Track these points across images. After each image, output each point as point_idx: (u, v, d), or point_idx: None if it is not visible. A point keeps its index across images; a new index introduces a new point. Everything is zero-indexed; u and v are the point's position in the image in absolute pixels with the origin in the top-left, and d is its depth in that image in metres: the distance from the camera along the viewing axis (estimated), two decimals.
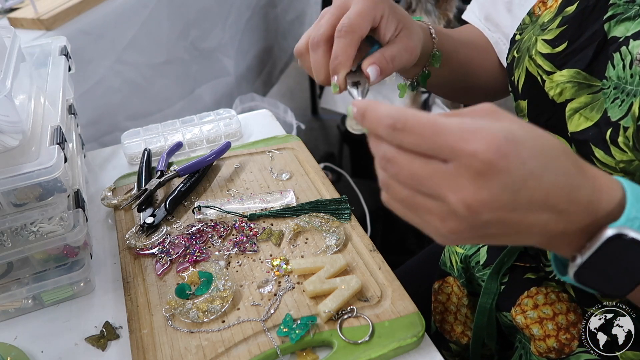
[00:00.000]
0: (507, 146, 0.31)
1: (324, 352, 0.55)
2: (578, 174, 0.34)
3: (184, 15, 1.50)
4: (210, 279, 0.60)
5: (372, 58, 0.50)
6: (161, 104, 1.50)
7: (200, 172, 0.78)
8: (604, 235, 0.34)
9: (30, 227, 0.58)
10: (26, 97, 0.61)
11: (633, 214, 0.33)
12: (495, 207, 0.32)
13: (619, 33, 0.47)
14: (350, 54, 0.48)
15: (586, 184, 0.34)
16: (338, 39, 0.48)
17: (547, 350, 0.56)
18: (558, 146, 0.33)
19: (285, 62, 2.17)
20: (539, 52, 0.53)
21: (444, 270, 0.72)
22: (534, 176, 0.32)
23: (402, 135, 0.33)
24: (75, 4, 1.17)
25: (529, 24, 0.58)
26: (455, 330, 0.71)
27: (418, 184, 0.34)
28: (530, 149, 0.32)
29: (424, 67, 0.62)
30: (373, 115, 0.35)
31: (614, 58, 0.47)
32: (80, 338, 0.59)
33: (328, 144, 2.42)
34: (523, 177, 0.31)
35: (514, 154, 0.31)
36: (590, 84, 0.49)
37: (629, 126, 0.45)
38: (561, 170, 0.33)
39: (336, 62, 0.49)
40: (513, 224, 0.33)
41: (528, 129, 0.33)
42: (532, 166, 0.31)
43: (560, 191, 0.33)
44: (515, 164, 0.31)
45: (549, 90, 0.52)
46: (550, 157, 0.32)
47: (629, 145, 0.45)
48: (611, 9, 0.48)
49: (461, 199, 0.32)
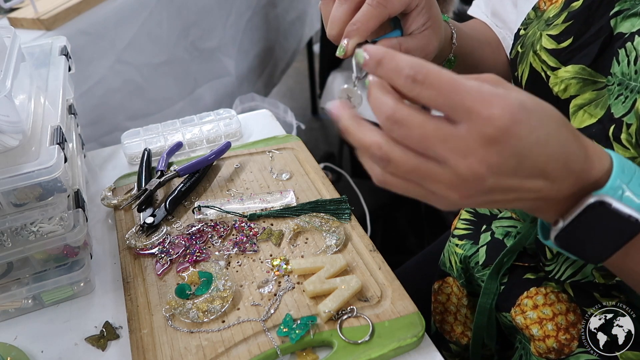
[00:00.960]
0: (521, 113, 0.31)
1: (324, 352, 0.55)
2: (575, 143, 0.35)
3: (184, 15, 1.50)
4: (210, 279, 0.60)
5: (389, 43, 0.48)
6: (161, 104, 1.50)
7: (200, 172, 0.78)
8: (587, 202, 0.35)
9: (30, 227, 0.58)
10: (26, 97, 0.61)
11: (617, 183, 0.35)
12: (500, 172, 0.32)
13: (625, 29, 0.47)
14: (370, 25, 0.46)
15: (580, 152, 0.35)
16: (367, 6, 0.46)
17: (546, 350, 0.56)
18: (560, 117, 0.35)
19: (286, 62, 2.17)
20: (543, 48, 0.52)
21: (444, 270, 0.72)
22: (540, 144, 0.32)
23: (420, 88, 0.32)
24: (75, 4, 1.17)
25: (534, 18, 0.57)
26: (455, 331, 0.71)
27: (427, 147, 0.33)
28: (539, 118, 0.32)
29: None
30: (392, 64, 0.34)
31: (619, 54, 0.46)
32: (80, 338, 0.59)
33: (328, 144, 2.42)
34: (530, 144, 0.32)
35: (526, 121, 0.32)
36: (596, 80, 0.48)
37: (632, 123, 0.44)
38: (562, 140, 0.34)
39: (354, 27, 0.46)
40: (512, 189, 0.34)
41: (535, 99, 0.34)
42: (539, 134, 0.32)
43: (558, 159, 0.34)
44: (526, 131, 0.32)
45: (554, 86, 0.51)
46: (553, 127, 0.33)
47: (631, 142, 0.45)
48: (618, 5, 0.48)
49: (469, 163, 0.32)
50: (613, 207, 0.34)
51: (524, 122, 0.31)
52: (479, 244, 0.67)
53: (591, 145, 0.36)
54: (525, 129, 0.32)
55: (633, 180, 0.35)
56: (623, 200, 0.35)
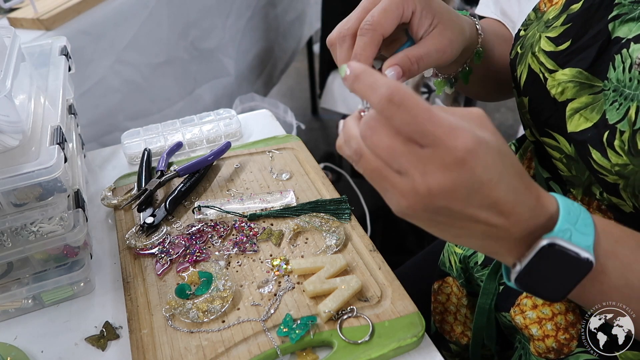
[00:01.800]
0: (480, 151, 0.34)
1: (324, 352, 0.55)
2: (526, 190, 0.37)
3: (184, 15, 1.50)
4: (210, 279, 0.60)
5: (395, 59, 0.48)
6: (161, 104, 1.50)
7: (200, 172, 0.78)
8: (539, 245, 0.37)
9: (30, 227, 0.58)
10: (26, 97, 0.61)
11: (565, 225, 0.37)
12: (450, 197, 0.35)
13: (622, 34, 0.47)
14: (369, 53, 0.47)
15: (529, 202, 0.37)
16: (359, 37, 0.47)
17: (546, 350, 0.56)
18: (517, 166, 0.37)
19: (285, 62, 2.17)
20: (542, 50, 0.52)
21: (444, 270, 0.72)
22: (491, 183, 0.35)
23: (395, 109, 0.34)
24: (75, 4, 1.17)
25: (534, 20, 0.57)
26: (455, 331, 0.71)
27: (392, 159, 0.35)
28: (495, 160, 0.35)
29: (465, 64, 0.60)
30: (369, 81, 0.36)
31: (615, 60, 0.46)
32: (80, 338, 0.59)
33: (328, 144, 2.42)
34: (482, 181, 0.35)
35: (483, 159, 0.34)
36: (592, 84, 0.48)
37: (625, 130, 0.44)
38: (512, 186, 0.36)
39: (355, 59, 0.48)
40: (460, 217, 0.37)
41: (500, 144, 0.36)
42: (492, 175, 0.35)
43: (507, 203, 0.36)
44: (480, 168, 0.34)
45: (551, 88, 0.51)
46: (507, 173, 0.36)
47: (624, 149, 0.45)
48: (616, 9, 0.47)
49: (426, 181, 0.34)
50: (564, 247, 0.37)
51: (480, 159, 0.34)
52: None
53: (542, 193, 0.39)
54: (480, 166, 0.34)
55: (579, 221, 0.38)
56: (572, 241, 0.37)
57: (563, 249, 0.37)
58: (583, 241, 0.37)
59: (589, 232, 0.38)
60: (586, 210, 0.39)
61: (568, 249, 0.37)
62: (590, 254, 0.37)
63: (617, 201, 0.49)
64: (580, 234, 0.38)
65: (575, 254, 0.37)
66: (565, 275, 0.38)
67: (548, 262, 0.37)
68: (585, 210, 0.39)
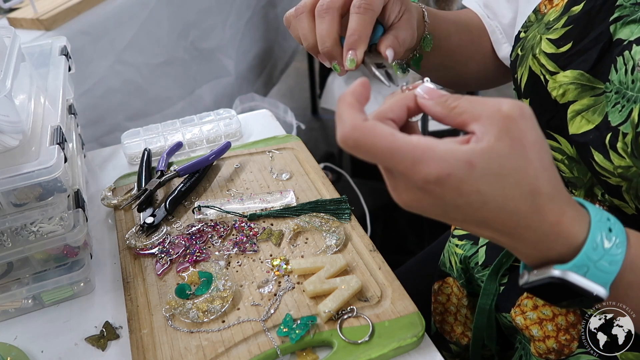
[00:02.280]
0: (446, 180, 0.33)
1: (324, 352, 0.55)
2: (532, 217, 0.34)
3: (184, 15, 1.50)
4: (210, 279, 0.60)
5: (388, 41, 0.50)
6: (161, 104, 1.50)
7: (200, 172, 0.78)
8: (548, 273, 0.35)
9: (30, 227, 0.58)
10: (26, 97, 0.61)
11: (583, 261, 0.34)
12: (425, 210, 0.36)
13: (624, 35, 0.46)
14: (368, 32, 0.49)
15: (539, 227, 0.35)
16: (357, 15, 0.48)
17: (546, 351, 0.56)
18: (526, 186, 0.34)
19: (285, 62, 2.17)
20: (542, 52, 0.52)
21: (444, 270, 0.72)
22: (472, 206, 0.34)
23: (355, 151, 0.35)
24: (75, 4, 1.17)
25: (534, 21, 0.57)
26: (455, 331, 0.71)
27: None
28: (474, 186, 0.33)
29: (415, 51, 0.62)
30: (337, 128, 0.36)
31: (617, 62, 0.46)
32: (80, 338, 0.59)
33: (328, 144, 2.42)
34: (457, 204, 0.34)
35: (452, 187, 0.33)
36: (594, 86, 0.48)
37: (628, 132, 0.44)
38: (510, 209, 0.34)
39: (354, 39, 0.48)
40: (452, 222, 0.37)
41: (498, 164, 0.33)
42: (471, 200, 0.33)
43: (503, 223, 0.35)
44: (449, 195, 0.33)
45: (552, 90, 0.51)
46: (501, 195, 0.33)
47: (627, 151, 0.45)
48: (618, 11, 0.47)
49: (399, 198, 0.36)
50: (574, 282, 0.35)
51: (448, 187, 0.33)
52: (478, 244, 0.67)
53: (565, 220, 0.35)
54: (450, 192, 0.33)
55: (604, 258, 0.35)
56: (587, 276, 0.35)
57: (573, 284, 0.35)
58: (600, 279, 0.35)
59: (611, 270, 0.35)
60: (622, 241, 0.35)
61: (577, 285, 0.35)
62: (604, 291, 0.35)
63: (620, 203, 0.49)
64: (599, 271, 0.35)
65: (586, 290, 0.35)
66: (573, 301, 0.37)
67: (556, 288, 0.36)
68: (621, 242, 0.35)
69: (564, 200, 0.35)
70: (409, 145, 0.33)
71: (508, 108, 0.33)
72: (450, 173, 0.33)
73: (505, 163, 0.33)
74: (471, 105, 0.35)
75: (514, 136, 0.33)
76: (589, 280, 0.35)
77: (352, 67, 0.49)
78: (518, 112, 0.33)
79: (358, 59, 0.48)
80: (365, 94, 0.38)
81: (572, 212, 0.35)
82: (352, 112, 0.35)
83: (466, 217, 0.35)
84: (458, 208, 0.34)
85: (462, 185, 0.33)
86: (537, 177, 0.34)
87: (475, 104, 0.35)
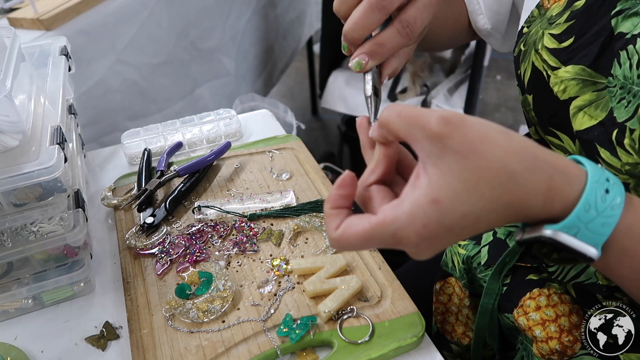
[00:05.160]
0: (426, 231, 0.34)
1: (324, 352, 0.55)
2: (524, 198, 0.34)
3: (184, 15, 1.50)
4: (210, 279, 0.60)
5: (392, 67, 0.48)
6: (161, 104, 1.50)
7: (200, 172, 0.78)
8: (540, 232, 0.35)
9: (30, 227, 0.58)
10: (26, 97, 0.61)
11: (574, 222, 0.34)
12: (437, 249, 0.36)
13: (625, 29, 0.46)
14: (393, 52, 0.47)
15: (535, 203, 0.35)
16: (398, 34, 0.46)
17: (549, 352, 0.56)
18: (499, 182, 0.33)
19: (285, 62, 2.17)
20: (545, 47, 0.52)
21: (446, 270, 0.72)
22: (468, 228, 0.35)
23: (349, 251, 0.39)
24: (75, 4, 1.17)
25: (537, 16, 0.56)
26: (457, 331, 0.71)
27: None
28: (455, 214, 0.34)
29: None
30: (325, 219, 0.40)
31: (621, 56, 0.46)
32: (80, 338, 0.59)
33: (328, 144, 2.42)
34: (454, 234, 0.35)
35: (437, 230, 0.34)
36: (595, 81, 0.48)
37: (635, 128, 0.44)
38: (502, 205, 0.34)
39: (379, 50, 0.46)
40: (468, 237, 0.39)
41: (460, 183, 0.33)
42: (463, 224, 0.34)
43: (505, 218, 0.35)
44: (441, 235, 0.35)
45: (554, 86, 0.51)
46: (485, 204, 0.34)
47: (634, 147, 0.44)
48: (619, 4, 0.47)
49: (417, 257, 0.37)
50: (565, 242, 0.35)
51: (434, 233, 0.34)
52: (481, 244, 0.67)
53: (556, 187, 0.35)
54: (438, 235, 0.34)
55: (596, 220, 0.35)
56: (578, 237, 0.35)
57: (564, 243, 0.35)
58: (591, 239, 0.35)
59: (603, 232, 0.35)
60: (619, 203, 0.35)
61: (567, 245, 0.35)
62: (595, 251, 0.35)
63: None
64: (590, 232, 0.35)
65: (577, 250, 0.35)
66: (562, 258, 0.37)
67: (548, 246, 0.36)
68: (617, 205, 0.35)
69: (549, 165, 0.35)
70: (380, 227, 0.36)
71: (436, 127, 0.33)
72: (425, 224, 0.34)
73: (465, 175, 0.33)
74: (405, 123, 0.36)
75: (456, 148, 0.33)
76: (579, 241, 0.35)
77: (356, 70, 0.47)
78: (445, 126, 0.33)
79: (366, 68, 0.47)
80: (345, 192, 0.40)
81: (561, 175, 0.35)
82: (328, 223, 0.39)
83: (473, 232, 0.35)
84: (459, 234, 0.35)
85: (444, 221, 0.34)
86: (505, 163, 0.33)
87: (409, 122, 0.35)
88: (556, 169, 0.35)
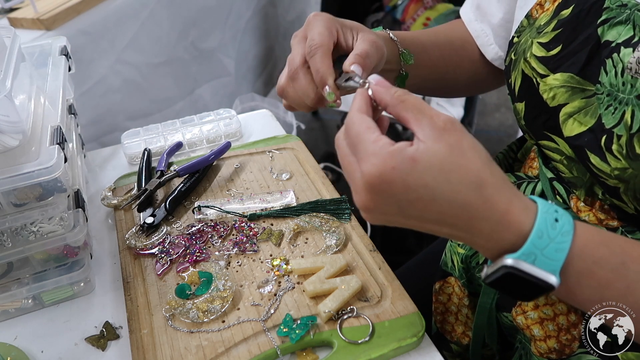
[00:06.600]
0: (392, 174, 0.38)
1: (324, 352, 0.55)
2: (483, 207, 0.38)
3: (184, 15, 1.50)
4: (210, 279, 0.60)
5: (350, 59, 0.52)
6: (161, 104, 1.50)
7: (200, 172, 0.78)
8: (501, 263, 0.39)
9: (30, 227, 0.58)
10: (26, 97, 0.61)
11: (530, 249, 0.38)
12: (384, 212, 0.40)
13: (611, 37, 0.47)
14: (328, 63, 0.52)
15: (490, 217, 0.38)
16: (312, 58, 0.52)
17: (547, 351, 0.56)
18: (472, 180, 0.38)
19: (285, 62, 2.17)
20: (533, 55, 0.53)
21: (445, 270, 0.72)
22: (422, 201, 0.38)
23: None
24: (75, 4, 1.17)
25: (527, 26, 0.58)
26: (456, 331, 0.71)
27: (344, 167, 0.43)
28: (420, 180, 0.37)
29: (401, 70, 0.63)
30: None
31: (607, 64, 0.47)
32: (80, 338, 0.59)
33: (328, 144, 2.42)
34: (408, 199, 0.38)
35: (399, 181, 0.38)
36: (584, 88, 0.49)
37: (622, 134, 0.45)
38: (460, 202, 0.38)
39: (320, 75, 0.51)
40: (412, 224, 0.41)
41: (439, 160, 0.38)
42: (420, 194, 0.38)
43: (457, 217, 0.38)
44: (398, 189, 0.38)
45: (543, 93, 0.52)
46: (450, 189, 0.38)
47: (622, 153, 0.45)
48: (605, 13, 0.48)
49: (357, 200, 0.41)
50: (524, 270, 0.38)
51: (395, 181, 0.38)
52: None
53: (513, 210, 0.38)
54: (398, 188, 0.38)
55: (550, 246, 0.38)
56: (536, 264, 0.38)
57: (523, 272, 0.38)
58: (548, 266, 0.38)
59: (557, 257, 0.38)
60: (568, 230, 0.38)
61: (528, 273, 0.38)
62: (555, 278, 0.38)
63: (619, 203, 0.49)
64: (547, 259, 0.38)
65: (536, 278, 0.38)
66: (527, 291, 0.40)
67: (510, 279, 0.39)
68: (567, 232, 0.38)
69: (511, 191, 0.39)
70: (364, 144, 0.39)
71: (442, 122, 0.39)
72: (394, 166, 0.37)
73: (446, 160, 0.38)
74: (417, 109, 0.40)
75: (450, 142, 0.38)
76: (538, 268, 0.38)
77: (333, 100, 0.52)
78: (450, 125, 0.39)
79: (332, 88, 0.51)
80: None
81: (520, 202, 0.39)
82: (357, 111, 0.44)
83: (422, 214, 0.39)
84: (411, 204, 0.38)
85: (408, 178, 0.37)
86: (480, 170, 0.38)
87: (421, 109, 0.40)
88: (517, 196, 0.39)
